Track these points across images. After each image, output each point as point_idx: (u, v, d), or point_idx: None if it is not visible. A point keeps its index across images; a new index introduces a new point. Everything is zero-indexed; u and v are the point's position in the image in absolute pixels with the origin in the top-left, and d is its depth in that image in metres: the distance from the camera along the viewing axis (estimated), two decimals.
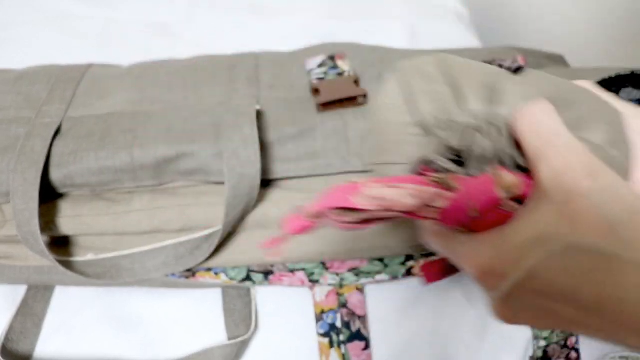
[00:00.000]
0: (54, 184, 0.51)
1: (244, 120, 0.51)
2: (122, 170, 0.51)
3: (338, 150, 0.52)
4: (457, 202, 0.29)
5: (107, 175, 0.51)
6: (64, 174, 0.51)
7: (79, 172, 0.51)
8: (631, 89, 0.38)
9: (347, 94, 0.56)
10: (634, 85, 0.38)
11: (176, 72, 0.63)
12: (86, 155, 0.51)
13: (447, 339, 0.54)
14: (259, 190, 0.49)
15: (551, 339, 0.55)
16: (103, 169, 0.51)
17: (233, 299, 0.54)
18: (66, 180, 0.51)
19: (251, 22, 0.95)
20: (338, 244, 0.54)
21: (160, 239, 0.54)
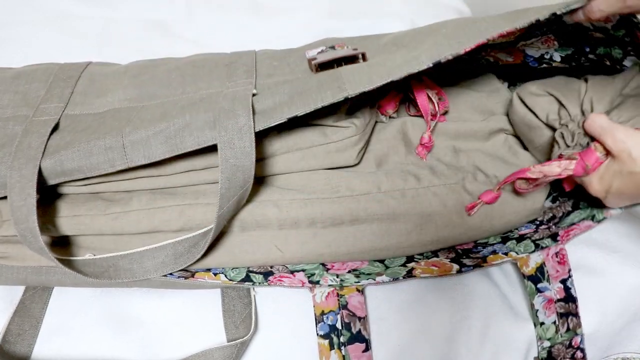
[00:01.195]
0: (45, 173, 0.49)
1: (239, 106, 0.49)
2: (112, 148, 0.49)
3: (332, 85, 0.49)
4: (579, 163, 0.49)
5: (97, 156, 0.49)
6: (55, 159, 0.49)
7: (69, 156, 0.49)
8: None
9: (345, 53, 0.54)
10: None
11: (175, 69, 0.62)
12: (78, 141, 0.50)
13: (448, 340, 0.54)
14: (252, 181, 0.48)
15: (555, 339, 0.55)
16: (92, 149, 0.49)
17: (232, 300, 0.54)
18: (56, 166, 0.49)
19: (251, 21, 0.95)
20: (338, 245, 0.54)
21: (159, 238, 0.54)
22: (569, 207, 0.59)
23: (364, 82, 0.47)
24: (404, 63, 0.48)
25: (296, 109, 0.48)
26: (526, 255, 0.55)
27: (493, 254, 0.55)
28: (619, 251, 0.59)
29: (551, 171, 0.50)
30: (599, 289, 0.57)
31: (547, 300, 0.55)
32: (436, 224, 0.54)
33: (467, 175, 0.56)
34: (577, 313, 0.55)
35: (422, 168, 0.55)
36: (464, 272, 0.54)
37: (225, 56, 0.65)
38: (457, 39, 0.47)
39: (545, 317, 0.55)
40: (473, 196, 0.55)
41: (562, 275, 0.55)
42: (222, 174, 0.47)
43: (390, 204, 0.53)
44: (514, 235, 0.58)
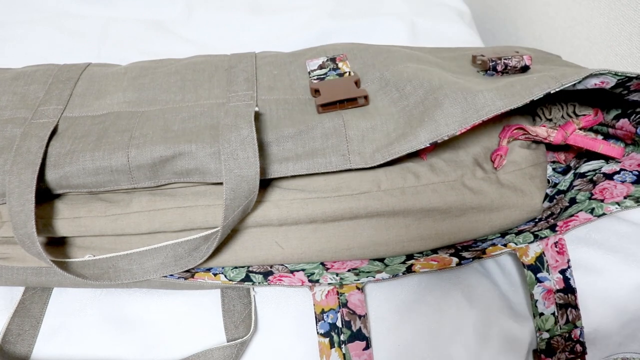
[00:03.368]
0: (50, 185, 0.51)
1: (242, 121, 0.50)
2: (118, 170, 0.51)
3: (338, 149, 0.51)
4: (560, 132, 0.57)
5: (103, 175, 0.51)
6: (60, 174, 0.50)
7: (74, 173, 0.50)
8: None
9: (348, 94, 0.55)
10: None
11: (175, 73, 0.63)
12: (82, 155, 0.51)
13: (448, 339, 0.53)
14: (257, 191, 0.48)
15: (554, 330, 0.55)
16: (99, 170, 0.50)
17: (232, 300, 0.54)
18: (62, 181, 0.51)
19: (250, 21, 0.95)
20: (338, 240, 0.54)
21: (160, 239, 0.54)
22: (566, 202, 0.59)
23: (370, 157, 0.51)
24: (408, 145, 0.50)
25: (300, 169, 0.51)
26: (525, 246, 0.55)
27: (492, 246, 0.56)
28: (619, 251, 0.59)
29: (539, 133, 0.57)
30: (599, 288, 0.57)
31: (547, 290, 0.55)
32: (434, 218, 0.54)
33: (466, 172, 0.56)
34: (577, 305, 0.55)
35: (421, 165, 0.55)
36: (464, 264, 0.54)
37: (225, 59, 0.66)
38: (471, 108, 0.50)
39: (545, 307, 0.55)
40: (472, 191, 0.55)
41: (561, 266, 0.55)
42: (227, 185, 0.47)
43: (390, 202, 0.53)
44: (513, 231, 0.58)
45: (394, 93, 0.56)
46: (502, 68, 0.56)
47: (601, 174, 0.60)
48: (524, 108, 0.62)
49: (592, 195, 0.58)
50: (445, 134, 0.49)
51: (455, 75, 0.57)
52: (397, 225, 0.54)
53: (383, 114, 0.54)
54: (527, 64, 0.56)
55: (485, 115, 0.48)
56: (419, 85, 0.54)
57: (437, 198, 0.54)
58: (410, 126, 0.51)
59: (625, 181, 0.57)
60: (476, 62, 0.60)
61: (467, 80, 0.54)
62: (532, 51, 0.69)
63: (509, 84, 0.50)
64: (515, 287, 0.58)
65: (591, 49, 0.93)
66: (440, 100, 0.51)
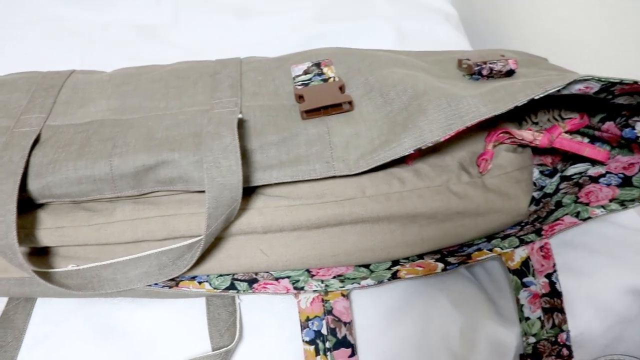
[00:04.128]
0: (32, 195, 0.50)
1: (224, 129, 0.50)
2: (101, 179, 0.50)
3: (321, 156, 0.51)
4: (546, 135, 0.56)
5: (86, 185, 0.51)
6: (42, 184, 0.50)
7: (57, 183, 0.50)
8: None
9: (332, 100, 0.55)
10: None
11: (159, 80, 0.62)
12: (65, 165, 0.50)
13: (435, 345, 0.53)
14: (240, 199, 0.48)
15: (541, 334, 0.55)
16: (82, 179, 0.50)
17: (217, 308, 0.54)
18: (44, 190, 0.50)
19: (237, 25, 0.95)
20: (323, 247, 0.53)
21: (143, 248, 0.54)
22: (552, 206, 0.59)
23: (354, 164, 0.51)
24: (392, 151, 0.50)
25: (284, 176, 0.51)
26: (511, 250, 0.55)
27: (478, 251, 0.55)
28: (605, 254, 0.59)
29: (525, 136, 0.57)
30: (586, 291, 0.57)
31: (533, 295, 0.55)
32: (420, 223, 0.54)
33: (451, 177, 0.56)
34: (563, 309, 0.55)
35: (407, 171, 0.55)
36: (449, 269, 0.54)
37: (210, 65, 0.65)
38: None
39: (531, 312, 0.55)
40: (458, 196, 0.55)
41: (547, 270, 0.55)
42: (209, 193, 0.47)
43: (375, 208, 0.53)
44: (499, 235, 0.58)
45: (378, 99, 0.55)
46: (487, 72, 0.56)
47: (587, 177, 0.60)
48: (510, 112, 0.62)
49: (578, 199, 0.58)
50: (429, 140, 0.48)
51: (441, 79, 0.57)
52: (382, 231, 0.54)
53: (367, 120, 0.54)
54: (513, 68, 0.56)
55: (469, 122, 0.48)
56: (402, 91, 0.54)
57: (422, 203, 0.53)
58: (394, 133, 0.51)
59: (611, 184, 0.58)
60: (462, 66, 0.60)
61: (452, 85, 0.54)
62: (518, 54, 0.69)
63: (494, 90, 0.50)
64: (501, 291, 0.58)
65: (578, 50, 0.93)
66: (424, 107, 0.51)
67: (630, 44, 0.83)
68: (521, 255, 0.56)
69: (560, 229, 0.56)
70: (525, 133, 0.57)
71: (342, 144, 0.52)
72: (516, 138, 0.57)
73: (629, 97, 0.52)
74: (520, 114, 0.63)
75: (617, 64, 0.85)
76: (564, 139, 0.57)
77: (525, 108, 0.63)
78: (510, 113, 0.61)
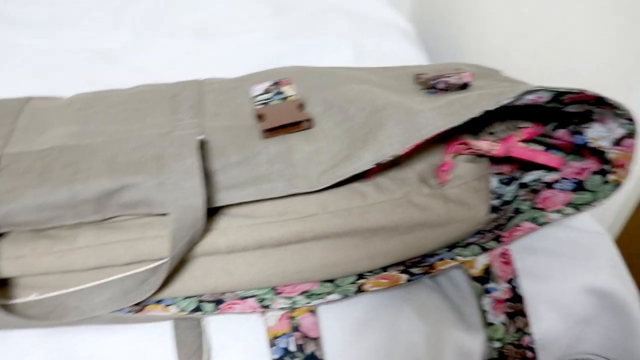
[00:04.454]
0: None
1: (186, 151, 0.50)
2: (63, 206, 0.50)
3: (283, 174, 0.52)
4: (502, 145, 0.57)
5: (48, 212, 0.50)
6: (2, 213, 0.49)
7: (17, 211, 0.49)
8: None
9: (291, 119, 0.56)
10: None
11: (119, 104, 0.62)
12: (24, 192, 0.50)
13: (402, 356, 0.54)
14: (205, 221, 0.48)
15: (505, 339, 0.56)
16: (43, 206, 0.50)
17: (184, 331, 0.53)
18: (4, 219, 0.50)
19: (196, 46, 0.95)
20: (287, 264, 0.54)
21: (108, 273, 0.53)
22: (510, 213, 0.61)
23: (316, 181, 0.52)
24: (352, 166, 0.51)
25: (246, 196, 0.51)
26: (472, 258, 0.57)
27: (440, 260, 0.57)
28: (562, 256, 0.60)
29: (482, 147, 0.58)
30: (546, 294, 0.59)
31: (495, 301, 0.56)
32: (382, 236, 0.55)
33: (412, 189, 0.57)
34: (525, 313, 0.56)
35: (367, 185, 0.56)
36: (413, 280, 0.55)
37: (170, 87, 0.65)
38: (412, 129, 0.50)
39: (494, 317, 0.56)
40: (419, 208, 0.56)
41: (508, 275, 0.57)
42: (173, 215, 0.47)
43: (337, 223, 0.53)
44: (460, 244, 0.59)
45: (338, 115, 0.56)
46: (443, 86, 0.58)
47: (543, 184, 0.62)
48: (467, 123, 0.63)
49: (535, 205, 0.60)
50: (388, 154, 0.49)
51: (398, 94, 0.58)
52: (346, 246, 0.54)
53: (328, 137, 0.54)
54: (468, 81, 0.58)
55: (426, 135, 0.49)
56: (362, 106, 0.55)
57: (384, 217, 0.54)
58: (355, 147, 0.52)
59: (565, 189, 0.59)
60: (418, 81, 0.62)
61: (410, 100, 0.56)
62: (473, 67, 0.71)
63: (449, 103, 0.51)
64: (465, 299, 0.59)
65: (530, 63, 0.96)
66: (383, 121, 0.52)
67: (577, 54, 0.86)
68: (483, 262, 0.57)
69: (519, 234, 0.58)
70: (482, 143, 0.59)
71: (303, 162, 0.52)
72: (474, 148, 0.59)
73: (578, 105, 0.54)
74: (477, 125, 0.65)
75: (566, 73, 0.88)
76: (520, 147, 0.59)
77: (481, 119, 0.64)
78: (467, 124, 0.63)
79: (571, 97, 0.52)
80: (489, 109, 0.50)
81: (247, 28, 1.00)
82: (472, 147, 0.59)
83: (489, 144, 0.58)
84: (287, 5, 1.09)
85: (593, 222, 0.66)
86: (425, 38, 1.24)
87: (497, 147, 0.58)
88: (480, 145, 0.58)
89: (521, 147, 0.59)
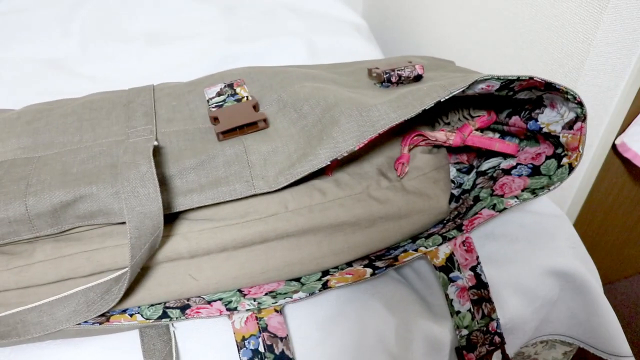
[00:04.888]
0: None
1: (140, 158, 0.49)
2: (17, 221, 0.49)
3: (241, 175, 0.51)
4: (458, 134, 0.59)
5: (1, 228, 0.49)
6: None
7: None
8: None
9: (247, 119, 0.55)
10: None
11: (71, 113, 0.61)
12: None
13: (372, 349, 0.54)
14: (162, 226, 0.48)
15: (472, 326, 0.57)
16: None
17: (152, 339, 0.53)
18: None
19: (148, 52, 0.94)
20: (252, 265, 0.54)
21: (69, 286, 0.52)
22: (470, 201, 0.62)
23: (274, 180, 0.52)
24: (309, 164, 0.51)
25: (205, 199, 0.51)
26: (435, 248, 0.57)
27: (404, 252, 0.57)
28: (523, 241, 0.62)
29: (438, 137, 0.60)
30: (510, 278, 0.60)
31: (460, 289, 0.57)
32: (345, 232, 0.55)
33: (371, 183, 0.57)
34: (490, 298, 0.57)
35: (327, 182, 0.56)
36: (377, 274, 0.55)
37: (123, 94, 0.64)
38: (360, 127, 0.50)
39: (460, 305, 0.57)
40: (379, 201, 0.56)
41: (471, 263, 0.57)
42: (130, 224, 0.46)
43: (299, 221, 0.53)
44: (423, 235, 0.60)
45: (293, 114, 0.56)
46: (396, 79, 0.58)
47: (500, 170, 0.63)
48: (422, 114, 0.64)
49: (494, 192, 0.61)
50: (344, 150, 0.50)
51: (352, 90, 0.58)
52: (309, 243, 0.54)
53: (283, 136, 0.54)
54: (420, 73, 0.58)
55: (380, 128, 0.49)
56: (315, 104, 0.55)
57: (344, 212, 0.55)
58: (311, 145, 0.52)
59: (522, 175, 0.60)
60: (372, 75, 0.62)
61: (363, 94, 0.56)
62: (426, 59, 0.72)
63: (402, 96, 0.52)
64: (431, 289, 0.60)
65: (481, 51, 0.98)
66: (336, 118, 0.52)
67: (525, 43, 0.87)
68: (445, 252, 0.58)
69: (479, 222, 0.58)
70: (438, 134, 0.59)
71: (260, 162, 0.52)
72: (430, 139, 0.59)
73: (529, 92, 0.55)
74: (432, 116, 0.66)
75: (517, 61, 0.90)
76: (475, 136, 0.60)
77: (436, 110, 0.65)
78: (422, 116, 0.63)
79: (521, 84, 0.53)
80: (441, 100, 0.50)
81: (198, 32, 0.99)
82: (428, 138, 0.59)
83: (445, 134, 0.59)
84: (236, 7, 1.08)
85: (552, 205, 0.68)
86: (378, 33, 1.24)
87: (453, 137, 0.59)
88: (436, 136, 0.59)
89: (477, 136, 0.60)
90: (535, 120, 0.58)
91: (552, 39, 0.83)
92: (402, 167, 0.58)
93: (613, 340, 0.65)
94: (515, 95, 0.57)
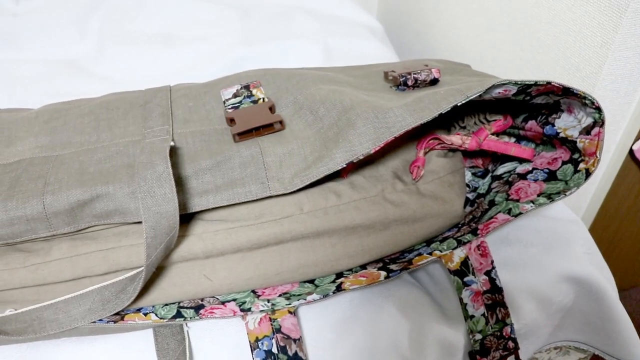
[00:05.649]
0: None
1: (157, 158, 0.50)
2: (35, 219, 0.49)
3: (256, 177, 0.52)
4: (473, 138, 0.59)
5: (19, 225, 0.49)
6: None
7: None
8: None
9: (263, 121, 0.56)
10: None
11: (88, 113, 0.61)
12: None
13: (385, 352, 0.54)
14: (178, 226, 0.48)
15: (486, 331, 0.56)
16: (14, 220, 0.49)
17: (165, 338, 0.53)
18: None
19: (164, 53, 0.94)
20: (266, 266, 0.54)
21: (85, 284, 0.52)
22: (485, 205, 0.61)
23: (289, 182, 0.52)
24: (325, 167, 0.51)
25: (221, 200, 0.51)
26: (449, 252, 0.57)
27: (418, 255, 0.57)
28: (539, 246, 0.61)
29: (454, 141, 0.59)
30: (525, 284, 0.59)
31: (475, 293, 0.57)
32: (360, 234, 0.55)
33: (386, 186, 0.57)
34: (505, 303, 0.57)
35: (342, 184, 0.56)
36: (392, 277, 0.55)
37: (139, 95, 0.65)
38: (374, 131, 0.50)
39: (474, 310, 0.56)
40: (394, 204, 0.56)
41: (485, 267, 0.57)
42: (146, 223, 0.46)
43: (314, 223, 0.53)
44: (437, 239, 0.60)
45: (309, 116, 0.56)
46: (412, 82, 0.58)
47: (516, 175, 0.63)
48: (438, 118, 0.64)
49: (509, 196, 0.61)
50: (360, 153, 0.50)
51: (368, 92, 0.58)
52: (323, 245, 0.54)
53: (299, 138, 0.54)
54: (436, 77, 0.58)
55: (397, 132, 0.49)
56: (331, 106, 0.55)
57: (359, 215, 0.55)
58: (326, 148, 0.52)
59: (538, 179, 0.60)
60: (388, 78, 0.62)
61: (379, 98, 0.56)
62: (442, 63, 0.71)
63: (418, 100, 0.52)
64: (445, 293, 0.60)
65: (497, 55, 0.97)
66: (352, 120, 0.52)
67: (542, 47, 0.87)
68: (460, 255, 0.57)
69: (494, 226, 0.58)
70: (454, 138, 0.59)
71: (276, 164, 0.52)
72: (446, 143, 0.59)
73: (546, 96, 0.55)
74: (448, 119, 0.65)
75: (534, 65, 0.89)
76: (491, 140, 0.60)
77: (452, 114, 0.65)
78: (438, 119, 0.63)
79: (538, 89, 0.52)
80: (458, 104, 0.50)
81: (214, 33, 1.00)
82: (444, 142, 0.59)
83: (461, 138, 0.59)
84: (252, 8, 1.09)
85: (567, 211, 0.67)
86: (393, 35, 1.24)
87: (468, 141, 0.59)
88: (452, 140, 0.59)
89: (493, 140, 0.60)
90: (552, 125, 0.58)
91: (570, 43, 0.82)
92: (417, 170, 0.58)
93: (628, 348, 0.65)
94: (532, 100, 0.56)
